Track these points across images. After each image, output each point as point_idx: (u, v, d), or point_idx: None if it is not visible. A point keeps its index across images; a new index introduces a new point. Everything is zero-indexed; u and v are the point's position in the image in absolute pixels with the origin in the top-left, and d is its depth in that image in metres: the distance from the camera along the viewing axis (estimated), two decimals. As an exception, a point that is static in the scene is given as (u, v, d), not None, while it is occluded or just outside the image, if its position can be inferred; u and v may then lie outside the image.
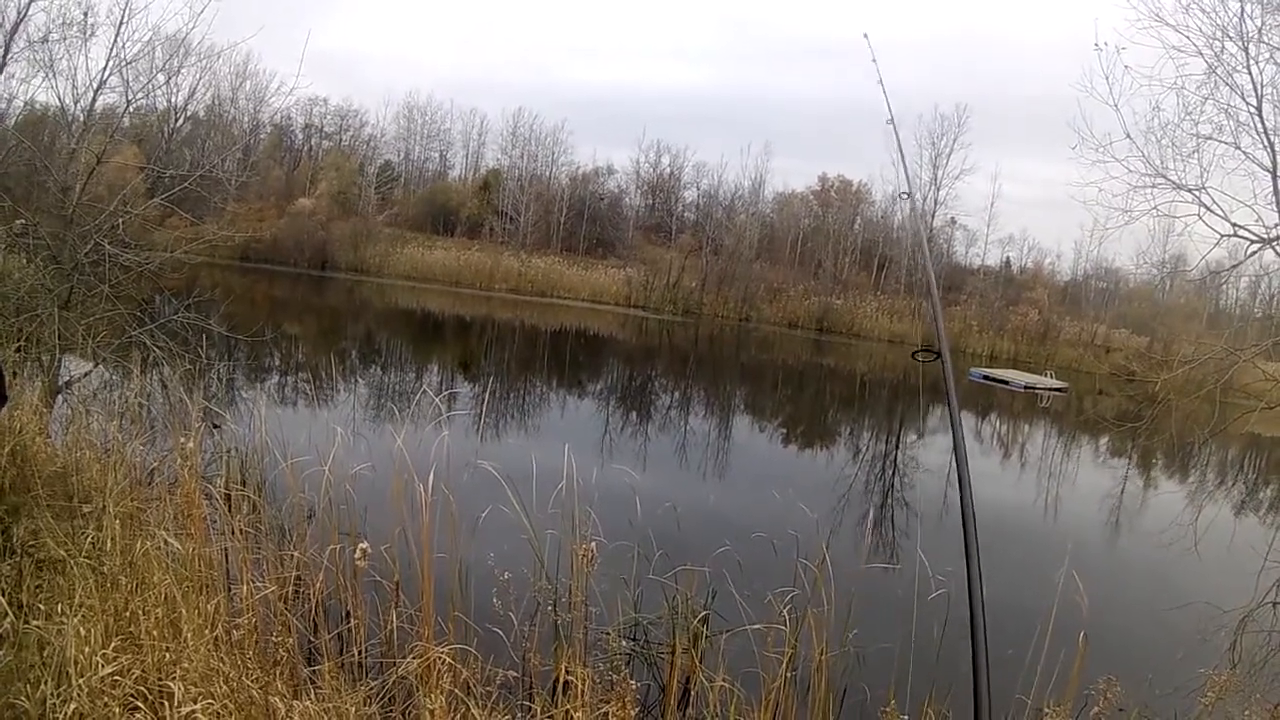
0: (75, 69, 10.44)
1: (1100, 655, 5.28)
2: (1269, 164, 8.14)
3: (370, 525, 6.43)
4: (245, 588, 5.10)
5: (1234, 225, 8.47)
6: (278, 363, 19.74)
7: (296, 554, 5.93)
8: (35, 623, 4.11)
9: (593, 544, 5.90)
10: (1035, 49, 78.97)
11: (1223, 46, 8.18)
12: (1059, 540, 7.21)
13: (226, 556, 5.79)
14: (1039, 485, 17.83)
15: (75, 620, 3.96)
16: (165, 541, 4.98)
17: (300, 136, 65.80)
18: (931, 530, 12.55)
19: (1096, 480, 19.23)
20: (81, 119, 10.56)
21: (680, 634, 5.89)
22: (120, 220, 9.92)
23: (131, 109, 11.19)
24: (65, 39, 10.49)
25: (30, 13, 10.54)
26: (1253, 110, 8.13)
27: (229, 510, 6.04)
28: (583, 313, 43.18)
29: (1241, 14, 8.06)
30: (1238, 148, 8.25)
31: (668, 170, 64.84)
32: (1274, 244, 8.37)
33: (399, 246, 50.08)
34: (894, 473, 17.46)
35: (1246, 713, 5.42)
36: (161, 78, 11.23)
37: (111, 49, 10.01)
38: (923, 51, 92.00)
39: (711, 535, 7.31)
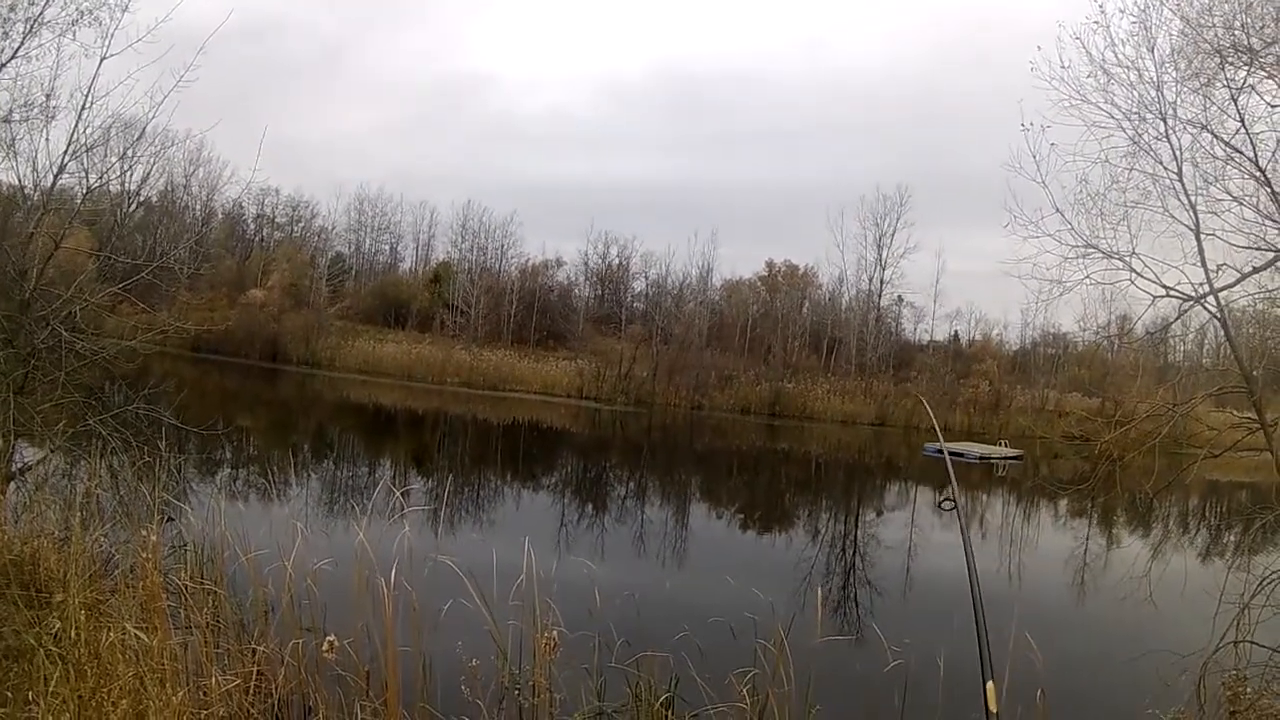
0: (36, 150, 10.40)
1: (1069, 709, 5.40)
2: (1192, 224, 8.52)
3: (332, 620, 6.41)
4: (213, 681, 5.09)
5: (1165, 287, 8.81)
6: (230, 456, 19.55)
7: (261, 649, 5.89)
8: (1, 710, 4.10)
9: (555, 633, 5.94)
10: (973, 126, 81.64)
11: (1142, 118, 8.63)
12: (1018, 603, 7.32)
13: (185, 649, 5.75)
14: (1000, 552, 18.08)
15: (43, 708, 3.95)
16: (131, 634, 4.96)
17: (252, 226, 66.03)
18: (887, 605, 12.81)
19: (1054, 542, 19.58)
20: (40, 201, 10.52)
21: (645, 720, 5.92)
22: (77, 307, 9.88)
23: (87, 194, 11.14)
24: (27, 119, 10.47)
25: (-8, 90, 10.50)
26: (1174, 176, 8.55)
27: (191, 603, 6.00)
28: (535, 406, 43.13)
29: (1159, 87, 8.51)
30: (1165, 211, 8.63)
31: (616, 261, 65.81)
32: (1203, 301, 8.70)
33: (350, 340, 49.99)
34: (849, 551, 17.67)
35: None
36: (116, 162, 11.22)
37: (72, 134, 10.04)
38: (869, 131, 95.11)
39: (671, 622, 7.35)
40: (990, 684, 2.91)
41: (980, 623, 3.12)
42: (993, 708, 2.88)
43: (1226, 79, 8.14)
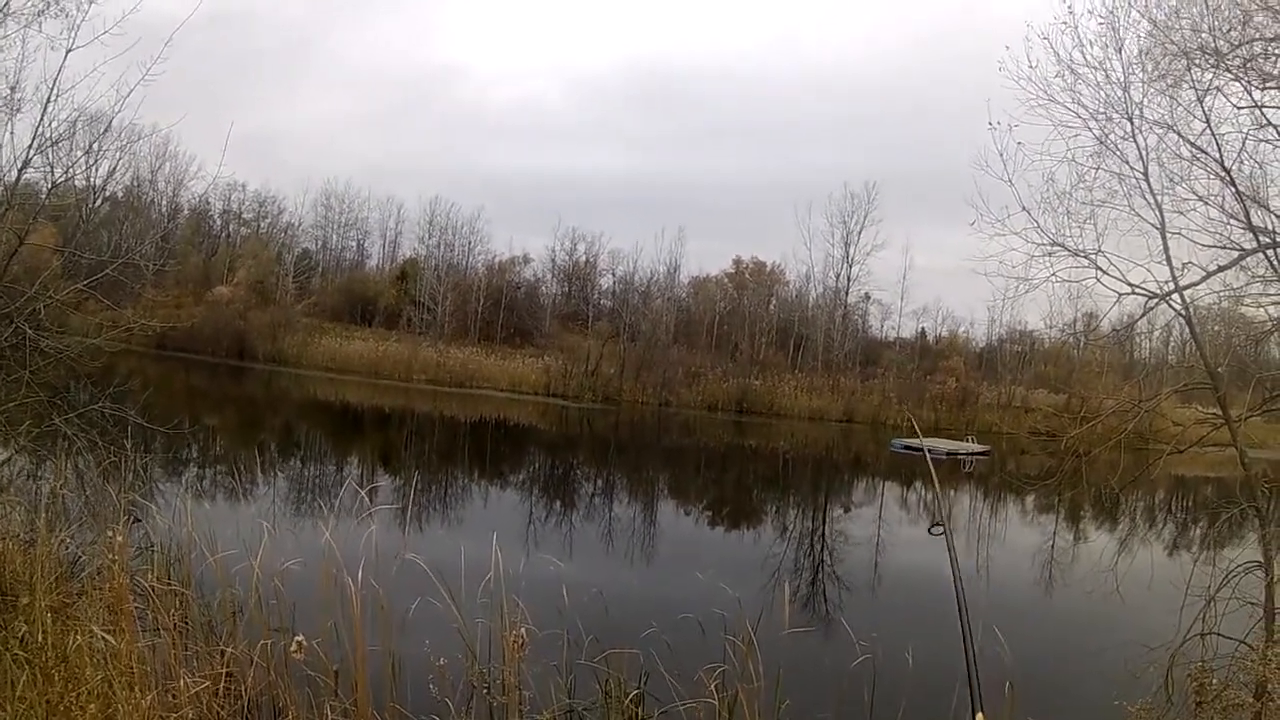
0: (0, 144, 10.23)
1: (1037, 702, 5.47)
2: (1158, 223, 8.62)
3: (301, 620, 6.38)
4: (181, 683, 5.06)
5: (1131, 285, 8.91)
6: (197, 455, 19.38)
7: (230, 650, 5.87)
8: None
9: (523, 630, 5.94)
10: (944, 123, 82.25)
11: (1109, 118, 8.72)
12: (985, 596, 7.39)
13: (153, 652, 5.71)
14: (967, 547, 18.25)
15: (10, 713, 3.92)
16: (98, 636, 4.93)
17: (218, 222, 65.31)
18: (855, 599, 12.95)
19: (1022, 537, 19.80)
20: (4, 196, 10.34)
21: (614, 717, 5.94)
22: (42, 304, 9.75)
23: (53, 189, 10.98)
24: (-10, 114, 10.26)
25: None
26: (1140, 176, 8.64)
27: (159, 605, 5.96)
28: (502, 403, 43.03)
29: (1125, 88, 8.61)
30: (1131, 210, 8.71)
31: (583, 258, 65.85)
32: (1168, 298, 8.80)
33: (317, 337, 49.70)
34: (817, 546, 17.83)
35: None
36: (82, 157, 11.06)
37: (37, 128, 9.88)
38: (839, 128, 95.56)
39: (639, 618, 7.37)
40: (980, 716, 2.86)
41: (970, 653, 3.09)
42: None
43: (1193, 80, 8.24)
